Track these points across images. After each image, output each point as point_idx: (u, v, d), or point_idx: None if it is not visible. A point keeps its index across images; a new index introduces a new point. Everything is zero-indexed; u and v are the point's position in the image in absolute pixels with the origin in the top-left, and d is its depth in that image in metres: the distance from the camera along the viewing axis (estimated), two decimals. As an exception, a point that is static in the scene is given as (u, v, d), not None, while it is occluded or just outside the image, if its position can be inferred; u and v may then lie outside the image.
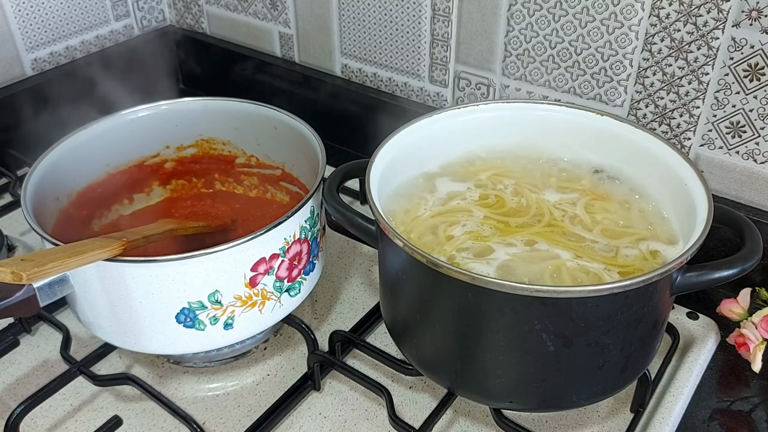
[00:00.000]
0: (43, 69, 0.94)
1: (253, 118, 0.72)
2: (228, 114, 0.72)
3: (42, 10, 0.91)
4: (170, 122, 0.72)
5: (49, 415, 0.60)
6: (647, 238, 0.56)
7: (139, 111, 0.70)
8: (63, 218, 0.65)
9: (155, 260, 0.53)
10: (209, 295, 0.55)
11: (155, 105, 0.71)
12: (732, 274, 0.50)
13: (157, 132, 0.72)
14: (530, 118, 0.65)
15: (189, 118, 0.73)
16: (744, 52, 0.63)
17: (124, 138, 0.70)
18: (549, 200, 0.61)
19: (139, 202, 0.74)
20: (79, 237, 0.66)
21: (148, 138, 0.72)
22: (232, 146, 0.74)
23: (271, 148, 0.73)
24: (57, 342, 0.63)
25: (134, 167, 0.72)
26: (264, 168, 0.74)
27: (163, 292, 0.54)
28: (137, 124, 0.70)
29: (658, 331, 0.54)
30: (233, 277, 0.55)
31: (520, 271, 0.53)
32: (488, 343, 0.50)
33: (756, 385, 0.62)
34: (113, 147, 0.70)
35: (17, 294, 0.51)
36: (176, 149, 0.74)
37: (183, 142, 0.74)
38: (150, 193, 0.75)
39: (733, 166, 0.68)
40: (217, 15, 1.01)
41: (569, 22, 0.71)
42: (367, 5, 0.84)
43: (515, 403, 0.53)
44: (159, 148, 0.73)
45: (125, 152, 0.71)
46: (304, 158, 0.68)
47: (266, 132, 0.72)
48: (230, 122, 0.73)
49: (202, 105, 0.72)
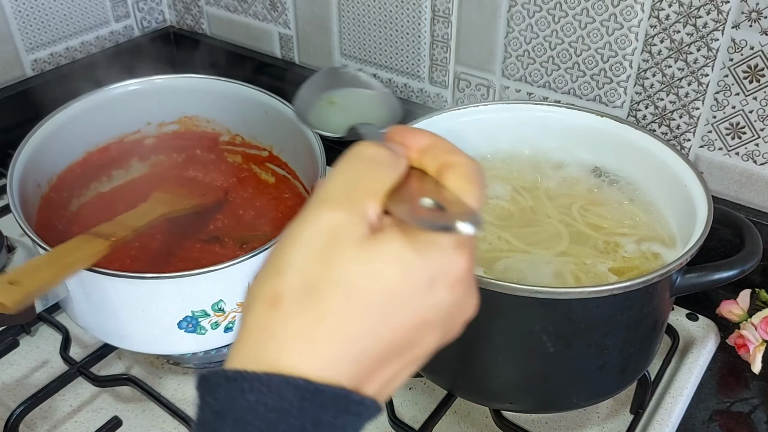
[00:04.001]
0: (43, 70, 0.94)
1: (241, 98, 0.71)
2: (214, 93, 0.71)
3: (42, 10, 0.91)
4: (153, 99, 0.71)
5: (49, 416, 0.59)
6: (647, 239, 0.56)
7: (121, 87, 0.69)
8: (44, 204, 0.64)
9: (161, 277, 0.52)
10: (213, 305, 0.55)
11: (139, 81, 0.70)
12: (732, 276, 0.50)
13: (138, 109, 0.71)
14: (530, 119, 0.65)
15: (173, 96, 0.71)
16: (744, 53, 0.63)
17: (104, 116, 0.69)
18: (548, 201, 0.61)
19: (118, 178, 0.73)
20: (59, 220, 0.66)
21: (130, 115, 0.71)
22: (216, 124, 0.73)
23: (259, 130, 0.72)
24: (57, 343, 0.63)
25: (113, 144, 0.71)
26: (249, 148, 0.74)
27: (168, 304, 0.54)
28: (118, 102, 0.69)
29: (658, 333, 0.54)
30: (238, 287, 0.55)
31: (520, 272, 0.53)
32: (488, 344, 0.50)
33: (756, 387, 0.62)
34: (93, 126, 0.69)
35: None
36: (158, 126, 0.73)
37: (165, 119, 0.73)
38: (129, 168, 0.73)
39: (733, 167, 0.68)
40: (217, 16, 1.01)
41: (569, 23, 0.71)
42: (367, 6, 0.84)
43: (515, 404, 0.53)
44: (140, 125, 0.72)
45: (105, 130, 0.70)
46: (295, 144, 0.67)
47: (255, 114, 0.71)
48: (216, 101, 0.72)
49: (187, 83, 0.71)
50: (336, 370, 0.29)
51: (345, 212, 0.30)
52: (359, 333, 0.29)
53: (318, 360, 0.29)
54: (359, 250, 0.30)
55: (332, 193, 0.31)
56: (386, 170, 0.32)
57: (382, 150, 0.33)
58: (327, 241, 0.30)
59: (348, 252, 0.30)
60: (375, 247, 0.30)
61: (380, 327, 0.30)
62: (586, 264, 0.54)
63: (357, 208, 0.31)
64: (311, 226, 0.30)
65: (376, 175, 0.32)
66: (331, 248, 0.30)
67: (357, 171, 0.32)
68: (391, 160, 0.33)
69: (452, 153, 0.34)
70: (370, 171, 0.32)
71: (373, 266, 0.30)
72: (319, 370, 0.29)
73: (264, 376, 0.28)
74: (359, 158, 0.32)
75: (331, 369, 0.29)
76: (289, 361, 0.29)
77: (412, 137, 0.35)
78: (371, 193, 0.31)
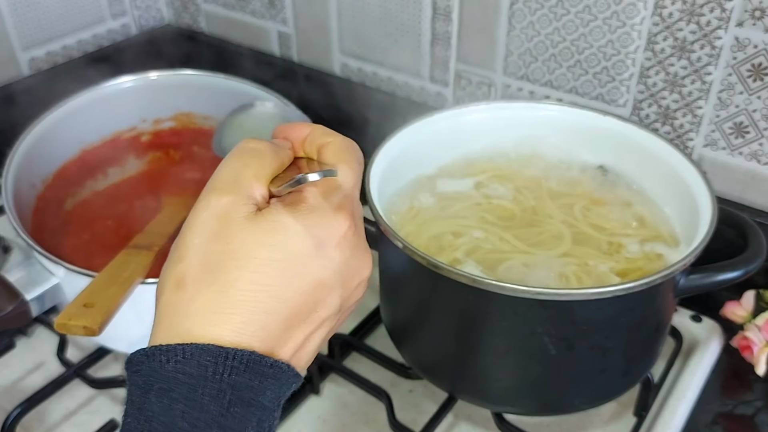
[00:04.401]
0: (39, 68, 0.93)
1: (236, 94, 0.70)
2: (210, 89, 0.71)
3: (38, 9, 0.91)
4: (148, 96, 0.71)
5: (45, 418, 0.59)
6: (650, 239, 0.56)
7: (116, 84, 0.69)
8: (40, 204, 0.63)
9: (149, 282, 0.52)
10: None
11: (133, 78, 0.70)
12: (736, 277, 0.50)
13: (133, 106, 0.71)
14: (532, 118, 0.64)
15: (168, 92, 0.71)
16: (747, 51, 0.63)
17: (99, 114, 0.69)
18: (550, 201, 0.60)
19: (114, 175, 0.73)
20: (55, 220, 0.65)
21: (125, 112, 0.71)
22: (212, 120, 0.73)
23: None
24: (53, 344, 0.63)
25: (109, 142, 0.71)
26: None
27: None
28: (113, 99, 0.69)
29: (661, 334, 0.54)
30: None
31: (522, 273, 0.53)
32: (489, 347, 0.50)
33: (760, 389, 0.62)
34: (88, 124, 0.69)
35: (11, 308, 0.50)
36: (153, 122, 0.73)
37: (160, 116, 0.72)
38: (125, 166, 0.73)
39: (737, 167, 0.68)
40: (214, 14, 1.01)
41: (571, 21, 0.70)
42: (367, 3, 0.84)
43: (516, 407, 0.53)
44: (135, 122, 0.72)
45: (100, 128, 0.70)
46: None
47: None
48: (212, 97, 0.72)
49: (183, 79, 0.71)
50: (246, 335, 0.32)
51: (232, 195, 0.34)
52: (263, 298, 0.32)
53: (228, 327, 0.32)
54: (249, 224, 0.33)
55: (220, 181, 0.35)
56: (267, 158, 0.36)
57: (263, 142, 0.37)
58: (219, 222, 0.33)
59: (239, 227, 0.33)
60: (262, 221, 0.34)
61: (282, 291, 0.33)
62: (589, 265, 0.53)
63: (243, 191, 0.34)
64: (203, 212, 0.34)
65: (259, 163, 0.36)
66: (224, 227, 0.33)
67: (241, 161, 0.36)
68: (272, 150, 0.37)
69: (327, 135, 0.39)
70: (253, 160, 0.36)
71: (264, 236, 0.33)
72: (230, 337, 0.31)
73: (179, 347, 0.31)
74: (243, 151, 0.36)
75: (241, 335, 0.32)
76: (202, 331, 0.32)
77: (292, 130, 0.39)
78: (255, 178, 0.35)
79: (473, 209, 0.59)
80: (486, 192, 0.61)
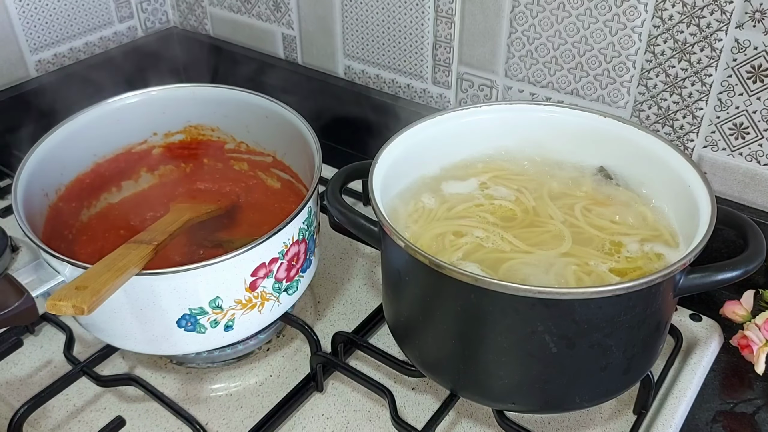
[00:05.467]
0: (47, 70, 0.94)
1: (243, 105, 0.71)
2: (217, 101, 0.72)
3: (46, 11, 0.92)
4: (158, 110, 0.72)
5: (53, 415, 0.60)
6: (650, 239, 0.56)
7: (125, 99, 0.70)
8: (53, 213, 0.64)
9: (156, 273, 0.52)
10: (210, 302, 0.55)
11: (142, 92, 0.70)
12: (735, 276, 0.50)
13: (144, 119, 0.72)
14: (533, 119, 0.65)
15: (177, 105, 0.72)
16: (747, 53, 0.63)
17: (111, 127, 0.70)
18: (551, 202, 0.61)
19: (128, 189, 0.74)
20: (69, 230, 0.66)
21: (135, 126, 0.72)
22: (221, 132, 0.74)
23: (261, 135, 0.73)
24: (60, 342, 0.64)
25: (121, 155, 0.72)
26: (254, 154, 0.74)
27: (164, 302, 0.54)
28: (124, 113, 0.70)
29: (661, 333, 0.54)
30: (234, 284, 0.55)
31: (523, 273, 0.53)
32: (491, 345, 0.50)
33: (759, 387, 0.62)
34: (100, 137, 0.69)
35: (17, 303, 0.51)
36: (164, 135, 0.73)
37: (171, 129, 0.73)
38: (138, 179, 0.74)
39: (737, 167, 0.68)
40: (220, 16, 1.01)
41: (572, 23, 0.71)
42: (370, 7, 0.84)
43: (518, 404, 0.53)
44: (146, 135, 0.73)
45: (112, 141, 0.71)
46: (296, 147, 0.68)
47: (257, 120, 0.71)
48: (219, 109, 0.72)
49: (190, 92, 0.72)
50: None
51: None
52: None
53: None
54: None
55: None
56: None
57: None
58: None
59: None
60: None
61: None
62: (589, 265, 0.54)
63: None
64: None
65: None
66: None
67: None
68: None
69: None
70: None
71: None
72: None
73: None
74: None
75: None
76: None
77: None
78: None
79: (475, 210, 0.60)
80: (488, 193, 0.62)
